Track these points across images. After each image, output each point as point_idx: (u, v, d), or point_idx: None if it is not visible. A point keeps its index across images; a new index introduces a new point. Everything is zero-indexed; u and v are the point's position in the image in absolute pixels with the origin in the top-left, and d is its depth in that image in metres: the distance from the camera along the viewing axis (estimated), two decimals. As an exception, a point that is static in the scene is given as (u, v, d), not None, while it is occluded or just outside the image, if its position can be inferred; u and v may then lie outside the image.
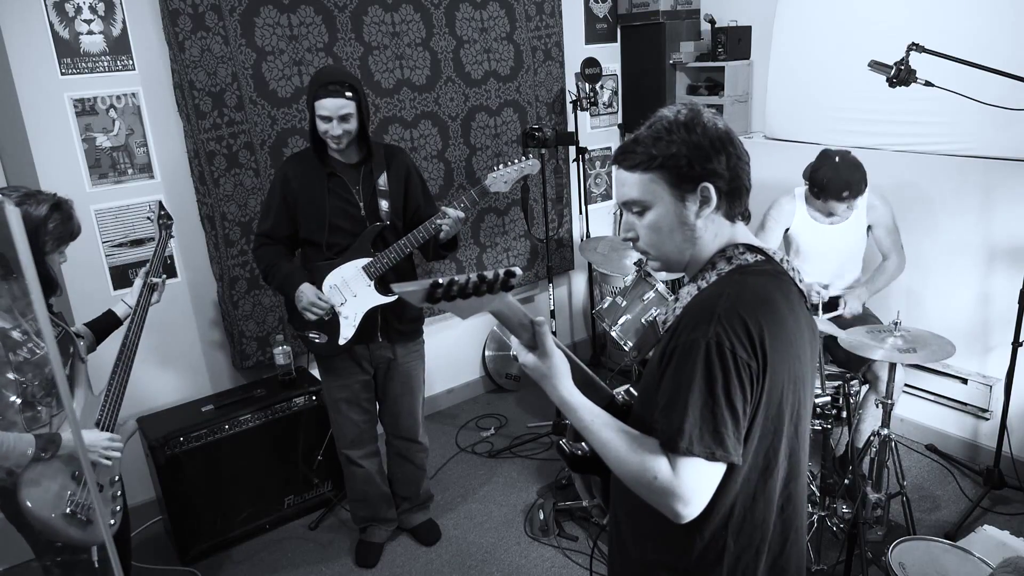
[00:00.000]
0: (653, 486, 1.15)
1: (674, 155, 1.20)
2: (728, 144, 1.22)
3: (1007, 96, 2.67)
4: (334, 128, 2.45)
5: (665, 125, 1.22)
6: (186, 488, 2.97)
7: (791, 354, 1.21)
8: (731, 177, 1.22)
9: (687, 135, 1.20)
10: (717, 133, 1.21)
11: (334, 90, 2.41)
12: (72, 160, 2.88)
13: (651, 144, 1.21)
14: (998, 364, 3.17)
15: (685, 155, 1.19)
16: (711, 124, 1.22)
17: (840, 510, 2.77)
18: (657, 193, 1.23)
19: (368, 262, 2.60)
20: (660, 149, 1.20)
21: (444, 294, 0.98)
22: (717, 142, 1.20)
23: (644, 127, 1.25)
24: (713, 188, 1.21)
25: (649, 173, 1.22)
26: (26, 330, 1.94)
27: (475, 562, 2.98)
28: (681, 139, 1.20)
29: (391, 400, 2.90)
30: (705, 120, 1.22)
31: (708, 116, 1.23)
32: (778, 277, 1.26)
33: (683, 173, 1.20)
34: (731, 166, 1.21)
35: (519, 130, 3.98)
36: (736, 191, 1.24)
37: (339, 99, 2.42)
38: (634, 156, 1.23)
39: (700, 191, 1.21)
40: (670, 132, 1.21)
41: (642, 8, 4.18)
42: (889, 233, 3.08)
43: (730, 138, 1.23)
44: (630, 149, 1.24)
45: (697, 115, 1.22)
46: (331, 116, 2.43)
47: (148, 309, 2.28)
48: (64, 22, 2.76)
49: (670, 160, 1.20)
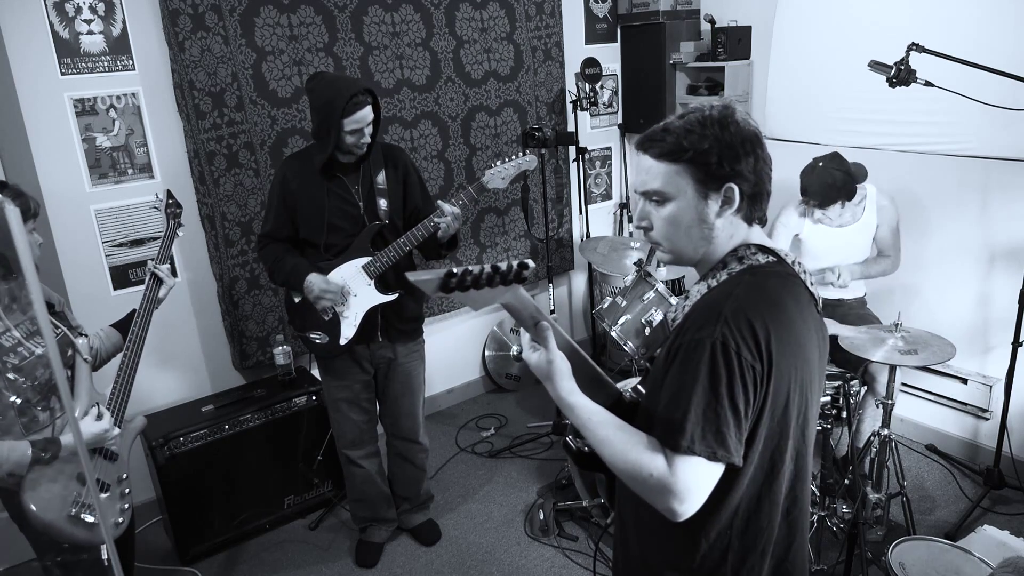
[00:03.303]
0: (649, 483, 1.15)
1: (705, 151, 1.17)
2: (757, 146, 1.20)
3: (1007, 96, 2.67)
4: (364, 137, 2.48)
5: (699, 118, 1.19)
6: (186, 488, 2.96)
7: (799, 357, 1.21)
8: (756, 181, 1.20)
9: (720, 132, 1.18)
10: (749, 134, 1.19)
11: (360, 101, 2.41)
12: (72, 160, 2.87)
13: (683, 135, 1.19)
14: (998, 364, 3.18)
15: (716, 152, 1.17)
16: (744, 123, 1.20)
17: (840, 510, 2.77)
18: (681, 187, 1.20)
19: (367, 261, 2.60)
20: (691, 142, 1.18)
21: (458, 284, 0.98)
22: (748, 144, 1.19)
23: (675, 117, 1.22)
24: (737, 189, 1.19)
25: (676, 165, 1.20)
26: (15, 335, 1.93)
27: (475, 562, 2.98)
28: (714, 135, 1.17)
29: (391, 400, 2.90)
30: (739, 119, 1.20)
31: (741, 115, 1.21)
32: (788, 279, 1.25)
33: (711, 171, 1.18)
34: (757, 169, 1.20)
35: (519, 130, 3.98)
36: (758, 195, 1.22)
37: (366, 109, 2.44)
38: (663, 144, 1.20)
39: (724, 191, 1.20)
40: (703, 126, 1.18)
41: (642, 8, 4.18)
42: (892, 233, 3.09)
43: (760, 140, 1.21)
44: (659, 137, 1.21)
45: (732, 113, 1.20)
46: (361, 127, 2.45)
47: (155, 302, 2.25)
48: (64, 22, 2.76)
49: (700, 156, 1.18)
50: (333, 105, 2.38)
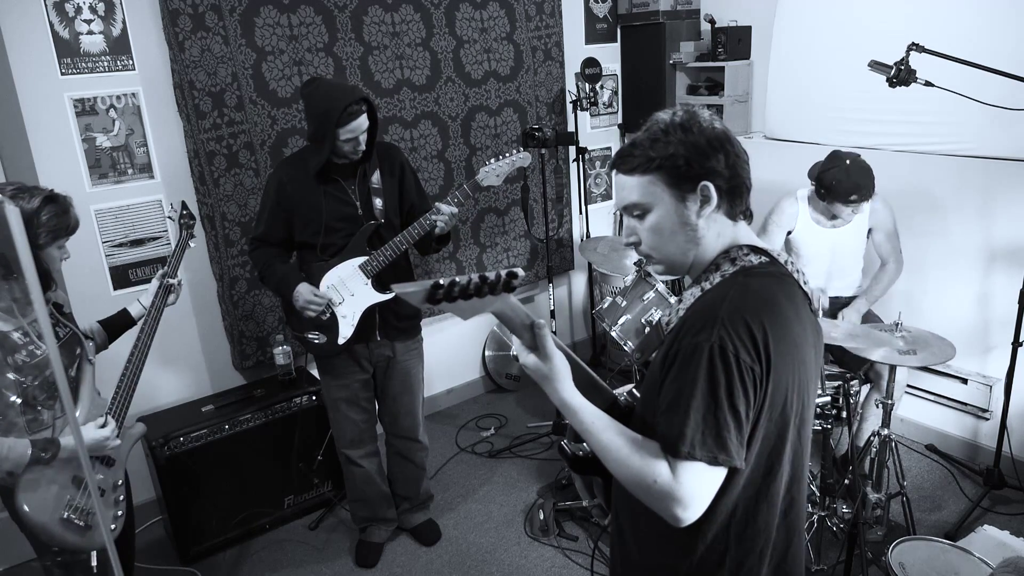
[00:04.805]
0: (652, 489, 1.14)
1: (672, 155, 1.20)
2: (726, 143, 1.22)
3: (1007, 96, 2.67)
4: (360, 144, 2.49)
5: (662, 127, 1.22)
6: (186, 488, 2.96)
7: (795, 357, 1.21)
8: (731, 175, 1.22)
9: (684, 135, 1.20)
10: (714, 133, 1.21)
11: (356, 111, 2.42)
12: (72, 160, 2.87)
13: (648, 147, 1.22)
14: (998, 364, 3.18)
15: (683, 155, 1.19)
16: (708, 124, 1.22)
17: (840, 510, 2.77)
18: (657, 194, 1.23)
19: (364, 260, 2.61)
20: (658, 151, 1.21)
21: (445, 295, 0.97)
22: (715, 141, 1.21)
23: (641, 131, 1.25)
24: (713, 187, 1.21)
25: (648, 175, 1.22)
26: (27, 331, 1.93)
27: (475, 562, 2.98)
28: (678, 140, 1.20)
29: (390, 399, 2.90)
30: (702, 120, 1.22)
31: (705, 117, 1.23)
32: (782, 279, 1.25)
33: (682, 173, 1.20)
34: (730, 164, 1.21)
35: (519, 130, 3.98)
36: (736, 189, 1.23)
37: (361, 118, 2.45)
38: (632, 159, 1.23)
39: (700, 190, 1.21)
40: (667, 134, 1.21)
41: (642, 8, 4.18)
42: (889, 238, 3.07)
43: (727, 137, 1.23)
44: (627, 153, 1.24)
45: (693, 116, 1.22)
46: (357, 136, 2.46)
47: (163, 311, 2.25)
48: (64, 22, 2.76)
49: (668, 161, 1.20)
50: (329, 115, 2.40)
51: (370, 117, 2.49)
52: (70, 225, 1.99)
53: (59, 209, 1.95)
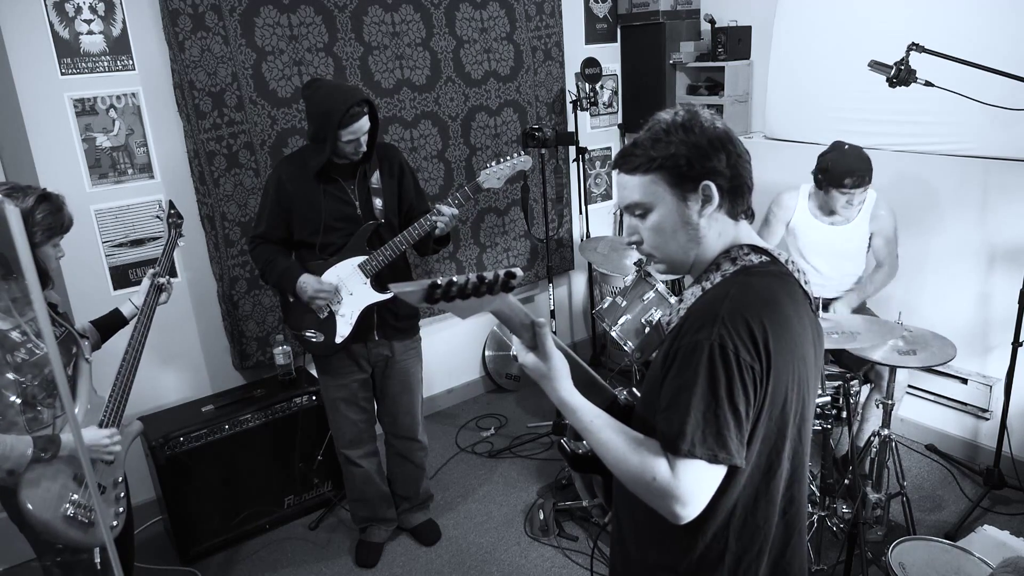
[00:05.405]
0: (652, 487, 1.15)
1: (673, 155, 1.20)
2: (727, 142, 1.22)
3: (1007, 96, 2.67)
4: (361, 146, 2.50)
5: (663, 127, 1.23)
6: (186, 488, 2.97)
7: (796, 356, 1.21)
8: (732, 175, 1.22)
9: (685, 135, 1.20)
10: (715, 132, 1.22)
11: (357, 112, 2.43)
12: (72, 160, 2.87)
13: (650, 146, 1.22)
14: (998, 364, 3.18)
15: (684, 155, 1.20)
16: (709, 124, 1.22)
17: (840, 510, 2.77)
18: (658, 194, 1.23)
19: (364, 260, 2.61)
20: (659, 151, 1.21)
21: (443, 295, 0.97)
22: (716, 141, 1.21)
23: (643, 131, 1.26)
24: (714, 186, 1.21)
25: (650, 175, 1.22)
26: (25, 331, 1.94)
27: (475, 562, 2.98)
28: (680, 139, 1.20)
29: (390, 399, 2.90)
30: (703, 120, 1.22)
31: (706, 116, 1.23)
32: (783, 278, 1.25)
33: (683, 172, 1.21)
34: (731, 164, 1.21)
35: (519, 130, 3.98)
36: (738, 189, 1.24)
37: (362, 120, 2.45)
38: (634, 159, 1.24)
39: (702, 189, 1.21)
40: (668, 134, 1.21)
41: (642, 8, 4.18)
42: (887, 243, 3.08)
43: (729, 137, 1.23)
44: (629, 153, 1.25)
45: (695, 116, 1.23)
46: (358, 137, 2.46)
47: (155, 309, 2.26)
48: (64, 22, 2.76)
49: (670, 160, 1.20)
50: (330, 117, 2.40)
51: (371, 118, 2.50)
52: (64, 223, 2.00)
53: (53, 207, 1.96)
